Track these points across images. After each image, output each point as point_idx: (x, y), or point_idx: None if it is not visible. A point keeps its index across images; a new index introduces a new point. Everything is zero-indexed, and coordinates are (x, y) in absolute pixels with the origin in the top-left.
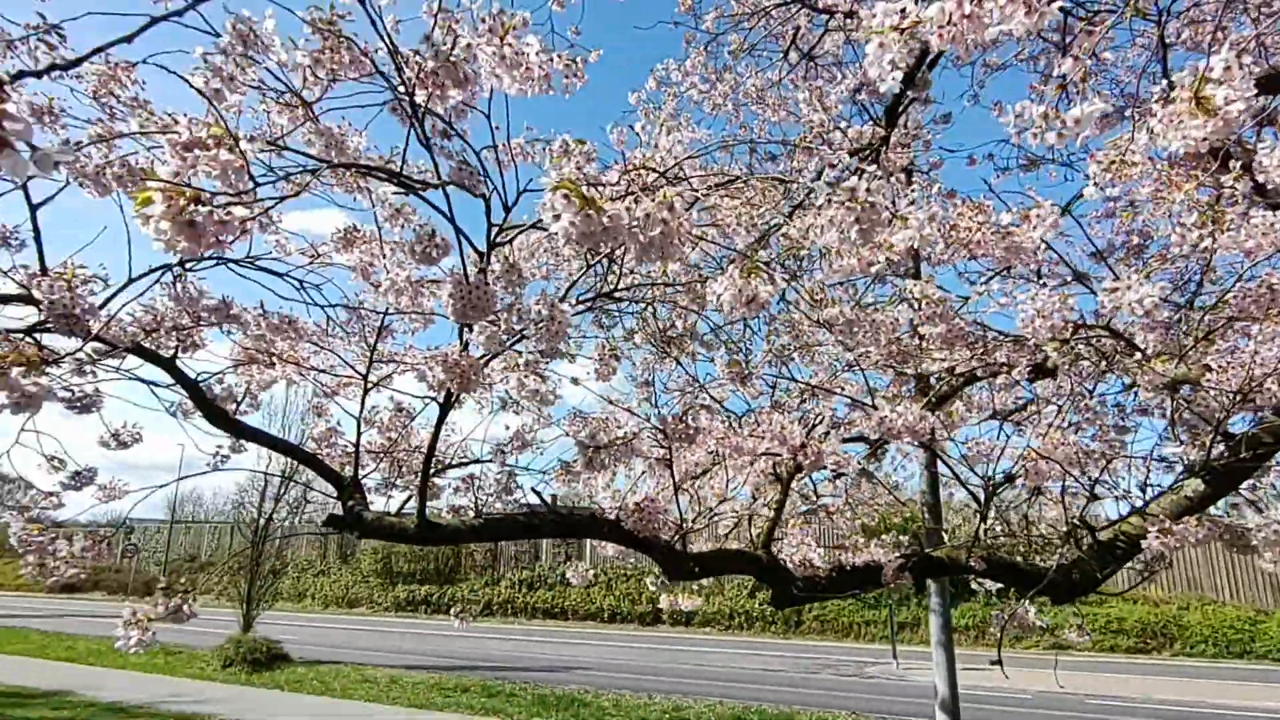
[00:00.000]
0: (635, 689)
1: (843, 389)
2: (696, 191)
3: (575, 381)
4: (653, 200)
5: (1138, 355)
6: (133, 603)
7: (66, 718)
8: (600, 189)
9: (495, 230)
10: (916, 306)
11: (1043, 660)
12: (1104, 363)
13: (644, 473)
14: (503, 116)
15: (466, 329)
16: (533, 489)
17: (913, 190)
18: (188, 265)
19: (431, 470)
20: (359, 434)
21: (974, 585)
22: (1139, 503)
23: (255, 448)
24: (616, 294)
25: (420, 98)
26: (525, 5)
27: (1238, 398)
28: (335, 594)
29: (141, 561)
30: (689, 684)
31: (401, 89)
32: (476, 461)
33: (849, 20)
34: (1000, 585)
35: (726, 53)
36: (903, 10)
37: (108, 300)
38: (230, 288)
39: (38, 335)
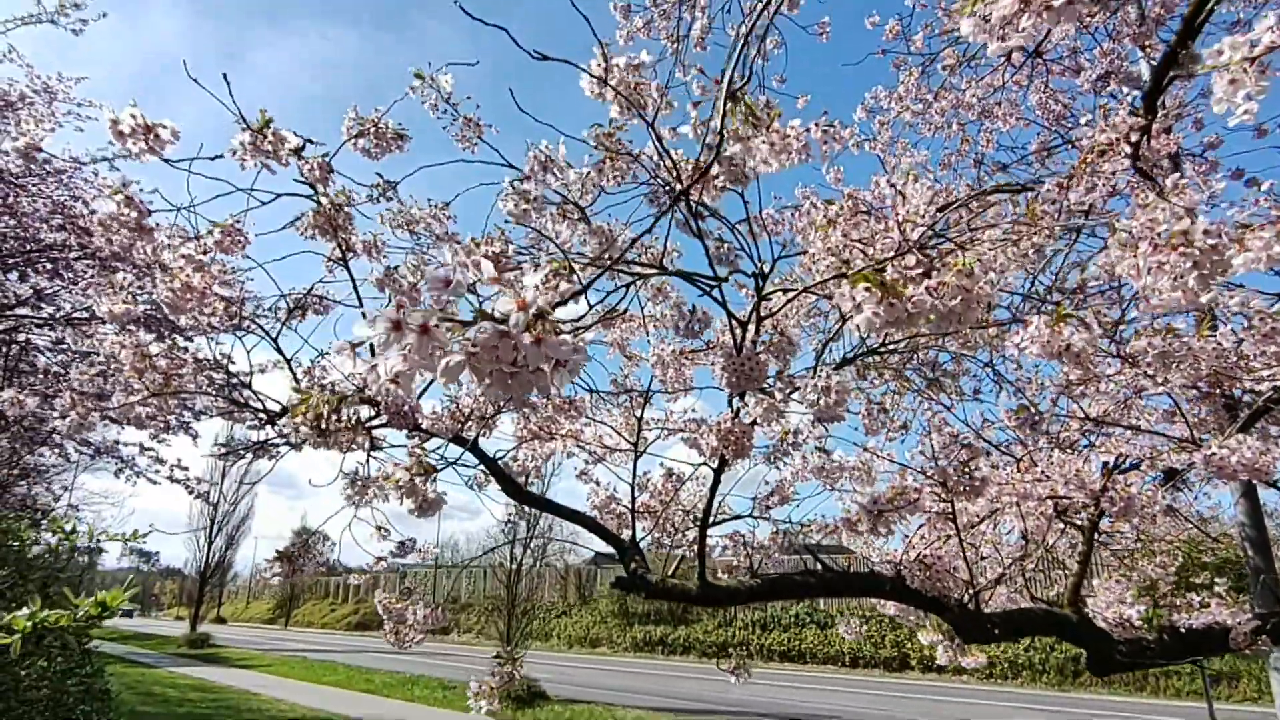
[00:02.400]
0: None
1: (1135, 418)
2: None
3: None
4: (950, 269)
5: None
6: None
7: None
8: (866, 246)
9: (757, 300)
10: (1245, 324)
11: None
12: None
13: (920, 526)
14: (753, 192)
15: (737, 396)
16: (806, 546)
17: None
18: None
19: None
20: (634, 498)
21: None
22: None
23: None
24: (882, 349)
25: (686, 193)
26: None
27: None
28: (577, 634)
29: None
30: None
31: (668, 187)
32: (738, 517)
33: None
34: None
35: (940, 69)
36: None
37: (420, 394)
38: None
39: (370, 427)
